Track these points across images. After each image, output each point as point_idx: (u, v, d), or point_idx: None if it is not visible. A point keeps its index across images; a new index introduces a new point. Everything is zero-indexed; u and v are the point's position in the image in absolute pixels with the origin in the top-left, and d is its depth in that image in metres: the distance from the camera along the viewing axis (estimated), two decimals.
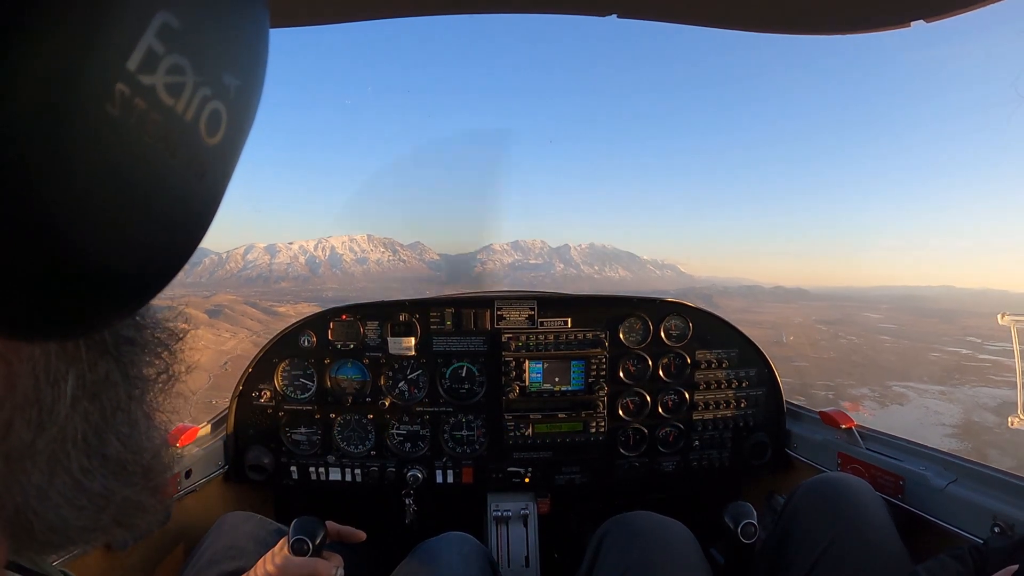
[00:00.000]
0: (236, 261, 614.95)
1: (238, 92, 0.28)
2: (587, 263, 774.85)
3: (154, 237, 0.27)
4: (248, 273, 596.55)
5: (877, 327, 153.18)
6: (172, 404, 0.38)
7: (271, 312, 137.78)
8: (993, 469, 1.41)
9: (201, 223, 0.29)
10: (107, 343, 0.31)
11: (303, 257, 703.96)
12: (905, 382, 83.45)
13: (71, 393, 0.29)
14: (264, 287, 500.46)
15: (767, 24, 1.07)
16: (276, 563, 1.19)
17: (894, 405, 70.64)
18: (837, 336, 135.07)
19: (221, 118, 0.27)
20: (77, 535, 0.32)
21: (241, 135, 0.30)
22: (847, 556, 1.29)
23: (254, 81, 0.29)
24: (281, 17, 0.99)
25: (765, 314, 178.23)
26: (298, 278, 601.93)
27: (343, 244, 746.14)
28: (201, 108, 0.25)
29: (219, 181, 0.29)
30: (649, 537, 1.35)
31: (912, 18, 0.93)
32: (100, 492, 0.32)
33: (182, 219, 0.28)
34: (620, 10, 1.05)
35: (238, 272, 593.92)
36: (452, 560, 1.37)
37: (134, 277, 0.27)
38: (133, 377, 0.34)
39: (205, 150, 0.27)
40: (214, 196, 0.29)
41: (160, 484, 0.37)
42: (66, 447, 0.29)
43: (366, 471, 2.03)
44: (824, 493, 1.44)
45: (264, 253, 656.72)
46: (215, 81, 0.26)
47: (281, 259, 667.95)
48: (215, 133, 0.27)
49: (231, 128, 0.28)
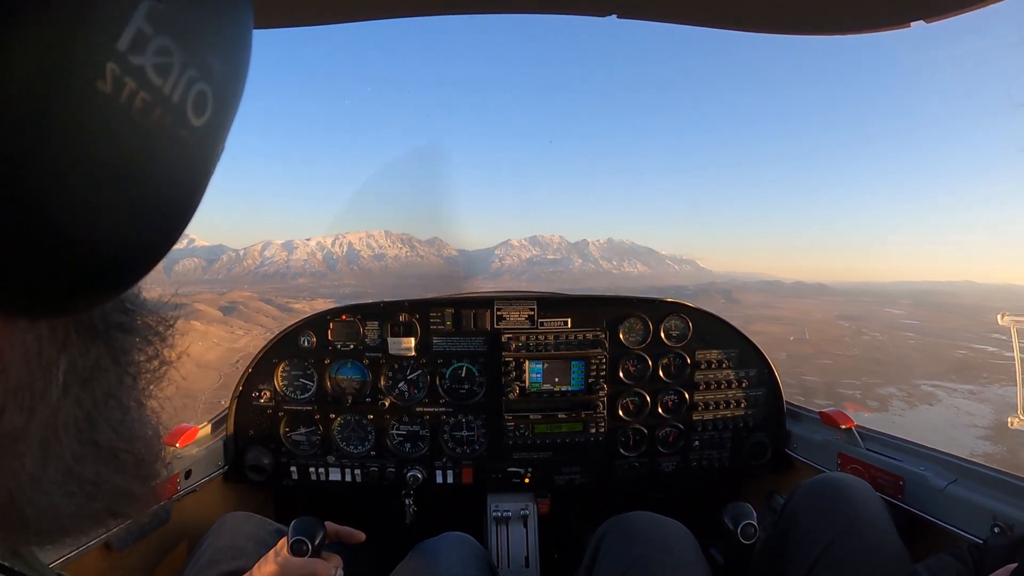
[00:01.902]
0: (253, 258, 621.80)
1: (223, 74, 0.28)
2: (605, 258, 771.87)
3: (140, 217, 0.27)
4: (265, 270, 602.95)
5: (899, 323, 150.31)
6: (164, 392, 0.38)
7: (286, 309, 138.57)
8: (993, 469, 1.42)
9: (187, 205, 0.30)
10: (97, 328, 0.32)
11: (320, 253, 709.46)
12: (933, 381, 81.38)
13: (63, 378, 0.29)
14: (281, 283, 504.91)
15: (767, 24, 1.08)
16: (276, 564, 1.19)
17: (923, 405, 68.91)
18: (860, 332, 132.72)
19: (207, 99, 0.27)
20: (69, 522, 0.32)
21: (227, 117, 0.30)
22: (846, 556, 1.29)
23: (239, 64, 0.30)
24: (281, 17, 1.00)
25: (785, 309, 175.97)
26: (315, 274, 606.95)
27: (360, 240, 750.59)
28: (188, 89, 0.26)
29: (205, 162, 0.29)
30: (649, 537, 1.35)
31: (912, 18, 0.93)
32: (91, 479, 0.32)
33: (168, 200, 0.28)
34: (620, 10, 1.05)
35: (255, 269, 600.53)
36: (451, 560, 1.37)
37: (119, 256, 0.27)
38: (124, 364, 0.34)
39: (192, 131, 0.27)
40: (200, 177, 0.30)
41: (151, 473, 0.37)
42: (58, 432, 0.30)
43: (366, 471, 2.03)
44: (824, 493, 1.44)
45: (281, 249, 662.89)
46: (201, 63, 0.26)
47: (298, 255, 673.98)
48: (201, 114, 0.27)
49: (217, 110, 0.28)
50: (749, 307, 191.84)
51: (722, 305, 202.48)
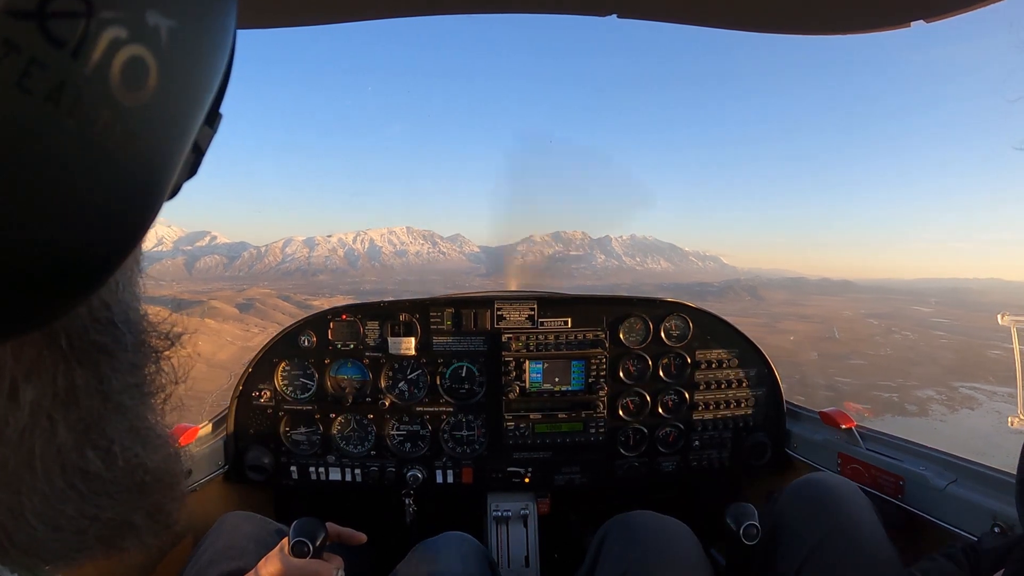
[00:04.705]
0: (275, 254, 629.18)
1: (174, 36, 0.22)
2: (628, 254, 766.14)
3: (63, 215, 0.22)
4: (286, 266, 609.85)
5: (929, 321, 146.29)
6: (169, 418, 0.35)
7: (304, 306, 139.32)
8: (993, 469, 1.42)
9: (135, 197, 0.25)
10: (69, 350, 0.28)
11: (342, 250, 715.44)
12: (971, 383, 78.63)
13: (31, 404, 0.26)
14: (302, 280, 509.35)
15: (767, 24, 1.08)
16: (277, 564, 1.19)
17: (964, 409, 66.77)
18: (890, 331, 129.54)
19: (147, 68, 0.22)
20: (55, 557, 0.30)
21: (191, 90, 0.25)
22: (835, 557, 1.28)
23: (204, 24, 0.24)
24: (281, 17, 1.01)
25: (812, 307, 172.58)
26: (336, 271, 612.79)
27: (382, 236, 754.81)
28: (111, 55, 0.20)
29: (159, 146, 0.24)
30: (651, 537, 1.35)
31: (912, 18, 0.93)
32: (79, 512, 0.30)
33: (102, 192, 0.23)
34: (620, 10, 1.05)
35: (276, 265, 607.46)
36: (451, 560, 1.37)
37: (46, 261, 0.22)
38: (111, 388, 0.30)
39: (123, 108, 0.22)
40: (152, 165, 0.24)
41: (159, 504, 0.35)
42: (32, 462, 0.27)
43: (366, 471, 2.04)
44: (810, 494, 1.43)
45: (303, 246, 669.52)
46: (132, 21, 0.21)
47: (319, 252, 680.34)
48: (139, 87, 0.22)
49: (167, 81, 0.23)
50: (775, 304, 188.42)
51: (747, 302, 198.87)
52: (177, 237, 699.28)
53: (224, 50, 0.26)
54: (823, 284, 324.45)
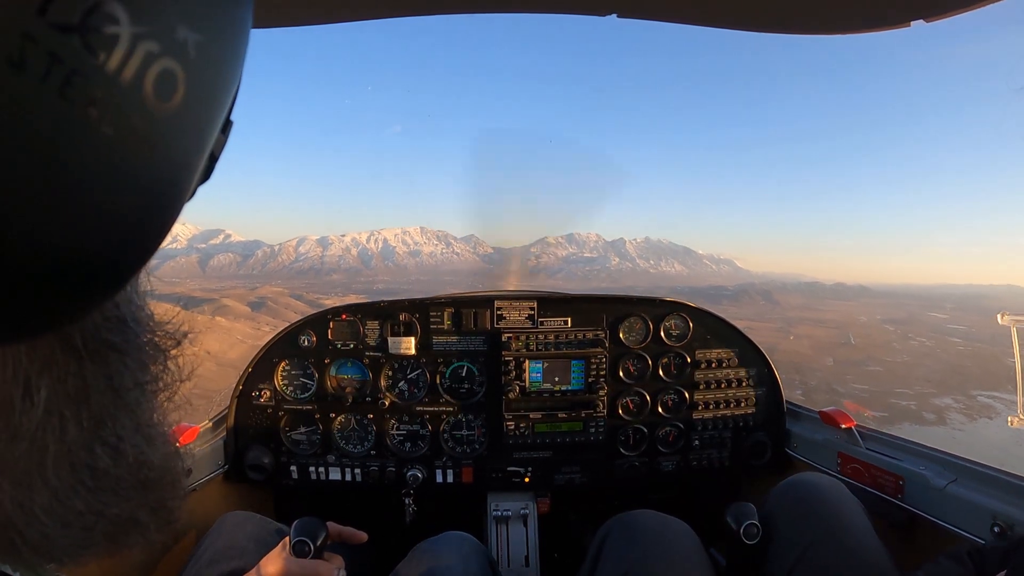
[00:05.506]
0: (288, 253, 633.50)
1: (200, 49, 0.24)
2: (642, 257, 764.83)
3: (93, 220, 0.23)
4: (300, 265, 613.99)
5: (945, 328, 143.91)
6: (176, 416, 0.36)
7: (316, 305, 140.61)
8: (993, 469, 1.42)
9: (159, 203, 0.26)
10: (82, 348, 0.29)
11: (355, 249, 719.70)
12: (990, 391, 77.29)
13: (44, 401, 0.27)
14: (315, 279, 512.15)
15: (767, 24, 1.08)
16: (278, 564, 1.19)
17: (983, 418, 65.56)
18: (907, 337, 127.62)
19: (176, 80, 0.23)
20: (63, 554, 0.31)
21: (213, 100, 0.26)
22: (826, 559, 1.27)
23: (226, 37, 0.25)
24: (280, 16, 1.01)
25: (828, 312, 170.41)
26: (349, 270, 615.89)
27: (396, 236, 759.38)
28: (145, 67, 0.21)
29: (183, 154, 0.25)
30: (652, 537, 1.35)
31: (912, 18, 0.94)
32: (88, 508, 0.30)
33: (130, 199, 0.24)
34: (620, 10, 1.06)
35: (290, 264, 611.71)
36: (451, 560, 1.37)
37: (74, 266, 0.23)
38: (121, 386, 0.31)
39: (153, 118, 0.23)
40: (176, 173, 0.26)
41: (162, 501, 0.35)
42: (44, 459, 0.27)
43: (366, 471, 2.04)
44: (795, 496, 1.43)
45: (316, 245, 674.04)
46: (163, 35, 0.22)
47: (333, 251, 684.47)
48: (168, 97, 0.23)
49: (193, 91, 0.24)
50: (790, 309, 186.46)
51: (762, 306, 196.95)
52: (191, 235, 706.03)
53: (241, 60, 0.27)
54: (838, 289, 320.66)
